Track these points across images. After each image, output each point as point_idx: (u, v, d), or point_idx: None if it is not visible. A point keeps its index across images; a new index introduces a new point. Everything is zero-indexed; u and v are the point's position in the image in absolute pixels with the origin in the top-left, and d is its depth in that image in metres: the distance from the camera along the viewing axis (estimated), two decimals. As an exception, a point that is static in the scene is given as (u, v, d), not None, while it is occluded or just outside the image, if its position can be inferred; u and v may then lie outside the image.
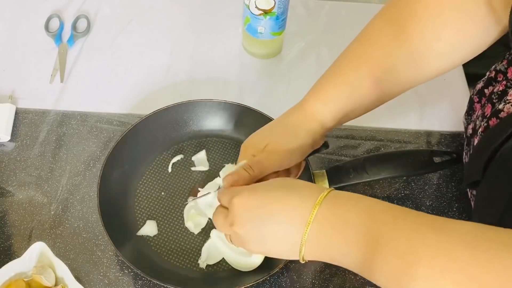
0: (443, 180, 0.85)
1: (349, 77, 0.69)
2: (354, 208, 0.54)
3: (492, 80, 0.76)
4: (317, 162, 0.85)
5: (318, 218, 0.55)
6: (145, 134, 0.83)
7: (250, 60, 0.99)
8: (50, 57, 0.97)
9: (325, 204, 0.55)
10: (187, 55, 0.99)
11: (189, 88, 0.95)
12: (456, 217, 0.81)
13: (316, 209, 0.55)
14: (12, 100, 0.90)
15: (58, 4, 1.04)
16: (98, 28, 1.02)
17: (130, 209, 0.79)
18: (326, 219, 0.55)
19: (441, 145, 0.89)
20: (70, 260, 0.75)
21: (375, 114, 0.93)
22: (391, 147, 0.89)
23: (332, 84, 0.70)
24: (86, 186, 0.82)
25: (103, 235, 0.74)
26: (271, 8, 0.89)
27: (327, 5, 1.07)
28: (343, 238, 0.54)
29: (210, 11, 1.06)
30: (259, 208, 0.58)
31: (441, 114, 0.93)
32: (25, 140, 0.86)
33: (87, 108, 0.91)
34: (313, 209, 0.55)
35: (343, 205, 0.55)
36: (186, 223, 0.77)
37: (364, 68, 0.68)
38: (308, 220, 0.55)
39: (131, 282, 0.74)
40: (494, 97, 0.72)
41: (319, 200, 0.55)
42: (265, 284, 0.74)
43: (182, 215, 0.78)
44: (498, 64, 0.76)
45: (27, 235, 0.77)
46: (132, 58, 0.98)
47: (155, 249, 0.76)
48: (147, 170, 0.83)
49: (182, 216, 0.78)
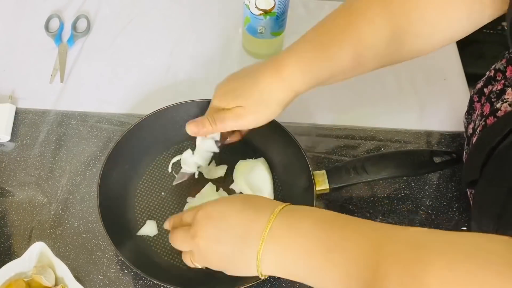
0: (443, 180, 0.85)
1: (332, 49, 0.69)
2: (307, 219, 0.56)
3: (492, 79, 0.76)
4: (317, 162, 0.85)
5: (272, 230, 0.56)
6: (145, 134, 0.83)
7: (250, 60, 0.99)
8: (50, 57, 0.97)
9: (279, 217, 0.56)
10: (187, 55, 0.99)
11: (189, 88, 0.95)
12: (456, 217, 0.81)
13: (270, 223, 0.56)
14: (12, 100, 0.90)
15: (58, 4, 1.04)
16: (98, 28, 1.02)
17: (130, 209, 0.79)
18: (279, 230, 0.56)
19: (441, 145, 0.89)
20: (70, 260, 0.75)
21: (375, 114, 0.93)
22: (391, 147, 0.89)
23: (315, 55, 0.70)
24: (86, 186, 0.82)
25: (103, 235, 0.74)
26: (271, 8, 0.89)
27: (327, 5, 1.07)
28: (296, 248, 0.55)
29: (210, 11, 1.06)
30: (220, 220, 0.59)
31: (441, 114, 0.93)
32: (25, 140, 0.86)
33: (87, 108, 0.91)
34: (268, 223, 0.56)
35: (296, 217, 0.56)
36: None
37: (348, 42, 0.69)
38: (263, 234, 0.56)
39: (131, 282, 0.74)
40: (492, 96, 0.73)
41: (273, 214, 0.56)
42: (265, 284, 0.74)
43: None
44: (498, 63, 0.76)
45: (27, 235, 0.77)
46: (132, 58, 0.98)
47: (155, 249, 0.76)
48: (147, 170, 0.83)
49: (182, 216, 0.78)
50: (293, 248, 0.55)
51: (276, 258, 0.56)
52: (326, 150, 0.87)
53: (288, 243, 0.55)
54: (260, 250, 0.56)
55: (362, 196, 0.82)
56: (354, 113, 0.92)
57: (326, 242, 0.53)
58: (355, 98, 0.94)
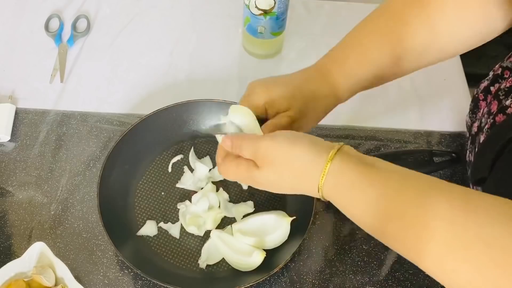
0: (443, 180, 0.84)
1: (373, 54, 0.69)
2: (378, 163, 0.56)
3: (498, 77, 0.76)
4: (317, 162, 0.85)
5: (339, 159, 0.55)
6: (145, 134, 0.83)
7: (250, 60, 0.99)
8: (50, 57, 0.97)
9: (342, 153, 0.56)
10: (187, 55, 0.99)
11: (189, 88, 0.95)
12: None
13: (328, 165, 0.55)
14: (12, 100, 0.90)
15: (58, 4, 1.04)
16: (98, 28, 1.02)
17: (130, 209, 0.79)
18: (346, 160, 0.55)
19: (441, 145, 0.89)
20: (70, 260, 0.75)
21: (375, 114, 0.93)
22: (391, 147, 0.89)
23: (356, 60, 0.69)
24: (86, 186, 0.82)
25: (103, 235, 0.74)
26: (271, 8, 0.89)
27: (327, 5, 1.07)
28: (361, 183, 0.54)
29: (210, 11, 1.06)
30: (281, 167, 0.58)
31: (441, 114, 0.93)
32: (25, 140, 0.86)
33: (87, 108, 0.91)
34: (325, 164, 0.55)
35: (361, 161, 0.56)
36: (187, 228, 0.77)
37: (388, 45, 0.68)
38: (330, 154, 0.55)
39: (131, 282, 0.74)
40: (501, 93, 0.72)
41: (330, 156, 0.56)
42: (265, 284, 0.74)
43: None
44: (505, 61, 0.76)
45: (27, 235, 0.77)
46: (132, 58, 0.98)
47: (155, 249, 0.76)
48: (147, 170, 0.83)
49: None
50: (359, 178, 0.55)
51: (341, 177, 0.56)
52: (326, 150, 0.87)
53: (355, 171, 0.55)
54: (327, 165, 0.55)
55: (362, 196, 0.82)
56: (354, 113, 0.92)
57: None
58: (355, 98, 0.93)
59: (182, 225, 0.77)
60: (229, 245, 0.74)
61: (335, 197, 0.57)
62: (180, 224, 0.77)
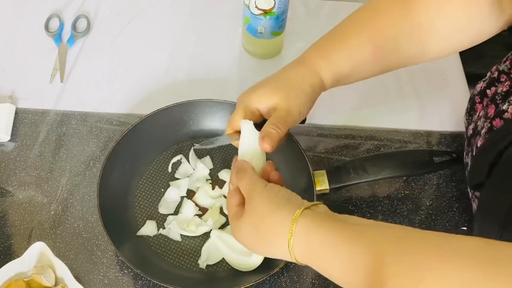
0: (443, 180, 0.85)
1: (351, 41, 0.70)
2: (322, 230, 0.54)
3: (495, 80, 0.76)
4: (317, 162, 0.85)
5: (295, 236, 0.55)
6: (145, 134, 0.83)
7: (250, 60, 0.99)
8: (50, 57, 0.97)
9: (302, 220, 0.55)
10: (187, 55, 0.99)
11: (189, 88, 0.95)
12: (456, 217, 0.81)
13: (294, 226, 0.55)
14: (12, 100, 0.90)
15: (58, 4, 1.04)
16: (98, 28, 1.02)
17: (130, 209, 0.79)
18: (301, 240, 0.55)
19: (441, 145, 0.89)
20: (70, 260, 0.75)
21: (375, 114, 0.93)
22: (391, 147, 0.89)
23: (335, 47, 0.70)
24: (86, 186, 0.82)
25: (103, 235, 0.74)
26: (271, 8, 0.89)
27: (327, 5, 1.07)
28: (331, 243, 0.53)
29: (210, 11, 1.06)
30: (258, 221, 0.58)
31: (441, 114, 0.93)
32: (25, 140, 0.86)
33: (87, 108, 0.91)
34: (291, 226, 0.55)
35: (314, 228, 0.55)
36: (183, 233, 0.77)
37: (367, 34, 0.69)
38: (296, 213, 0.55)
39: (131, 282, 0.74)
40: (497, 98, 0.72)
41: (295, 218, 0.55)
42: (265, 284, 0.74)
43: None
44: (501, 65, 0.76)
45: (27, 235, 0.77)
46: (132, 58, 0.98)
47: (155, 249, 0.76)
48: (147, 170, 0.83)
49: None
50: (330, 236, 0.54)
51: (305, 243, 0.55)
52: (326, 150, 0.87)
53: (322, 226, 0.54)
54: (293, 225, 0.55)
55: (362, 196, 0.82)
56: (354, 113, 0.92)
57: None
58: (355, 98, 0.94)
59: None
60: (229, 245, 0.74)
61: (310, 258, 0.55)
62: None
